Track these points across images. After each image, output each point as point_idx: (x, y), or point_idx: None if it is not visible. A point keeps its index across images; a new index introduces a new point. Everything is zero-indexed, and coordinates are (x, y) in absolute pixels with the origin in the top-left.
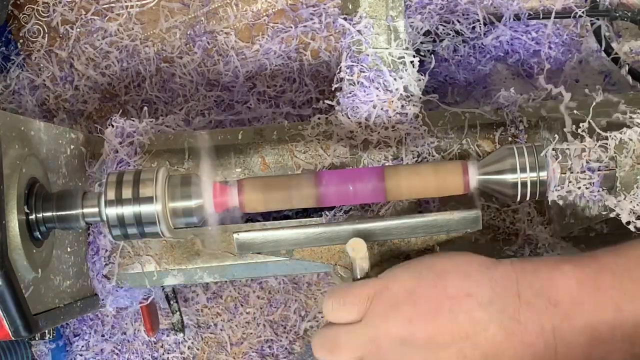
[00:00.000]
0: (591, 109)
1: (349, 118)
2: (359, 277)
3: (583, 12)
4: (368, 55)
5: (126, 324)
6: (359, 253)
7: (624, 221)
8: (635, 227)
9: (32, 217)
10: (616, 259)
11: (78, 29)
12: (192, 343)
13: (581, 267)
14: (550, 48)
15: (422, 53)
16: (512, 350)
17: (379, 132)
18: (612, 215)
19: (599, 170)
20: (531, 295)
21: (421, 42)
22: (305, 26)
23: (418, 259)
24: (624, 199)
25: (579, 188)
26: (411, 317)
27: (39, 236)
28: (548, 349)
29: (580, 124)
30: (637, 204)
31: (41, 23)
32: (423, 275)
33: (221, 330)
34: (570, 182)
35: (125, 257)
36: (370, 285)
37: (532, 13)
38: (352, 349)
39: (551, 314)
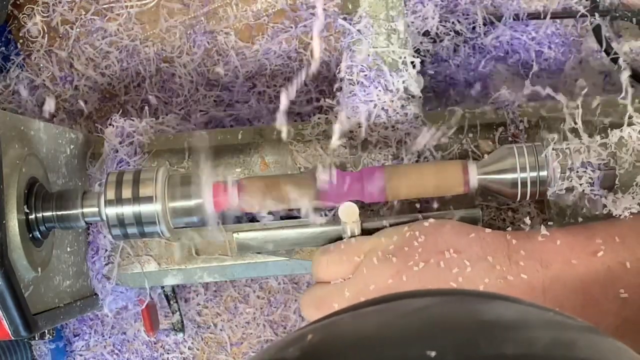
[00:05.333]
0: (595, 108)
1: (349, 118)
2: None
3: (583, 12)
4: (368, 55)
5: (126, 324)
6: (351, 217)
7: (615, 214)
8: None
9: (32, 216)
10: (609, 227)
11: (78, 29)
12: (192, 343)
13: (574, 234)
14: (550, 48)
15: (422, 53)
16: None
17: (379, 132)
18: (604, 212)
19: (599, 169)
20: (522, 258)
21: (421, 42)
22: (305, 26)
23: (412, 222)
24: (622, 196)
25: (580, 186)
26: (399, 269)
27: (39, 236)
28: None
29: (581, 124)
30: (636, 203)
31: (41, 23)
32: (415, 232)
33: (221, 330)
34: (570, 180)
35: (125, 257)
36: (367, 241)
37: (532, 13)
38: (341, 303)
39: (542, 275)
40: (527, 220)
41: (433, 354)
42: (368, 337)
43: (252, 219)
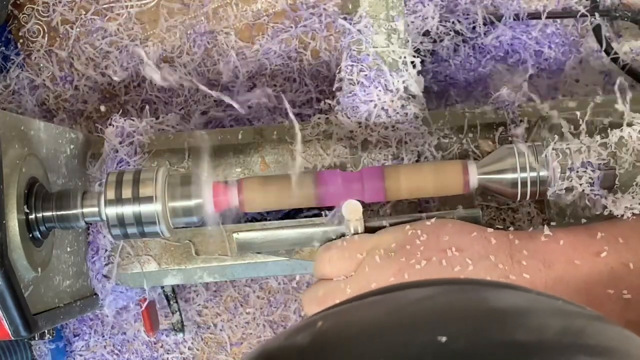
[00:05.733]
0: (589, 108)
1: (349, 118)
2: None
3: (583, 12)
4: (368, 54)
5: (126, 324)
6: (354, 215)
7: (616, 214)
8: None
9: (32, 216)
10: (611, 228)
11: (78, 29)
12: (192, 343)
13: (576, 234)
14: (550, 48)
15: (422, 53)
16: None
17: (379, 132)
18: (606, 213)
19: (599, 169)
20: (524, 257)
21: (421, 42)
22: (305, 26)
23: (414, 221)
24: (622, 196)
25: (580, 186)
26: (401, 267)
27: (39, 236)
28: None
29: (580, 124)
30: (637, 202)
31: (41, 23)
32: (417, 230)
33: (221, 330)
34: (570, 180)
35: (125, 257)
36: (369, 239)
37: (532, 13)
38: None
39: (544, 275)
40: (537, 219)
41: (444, 339)
42: (378, 324)
43: (252, 219)
